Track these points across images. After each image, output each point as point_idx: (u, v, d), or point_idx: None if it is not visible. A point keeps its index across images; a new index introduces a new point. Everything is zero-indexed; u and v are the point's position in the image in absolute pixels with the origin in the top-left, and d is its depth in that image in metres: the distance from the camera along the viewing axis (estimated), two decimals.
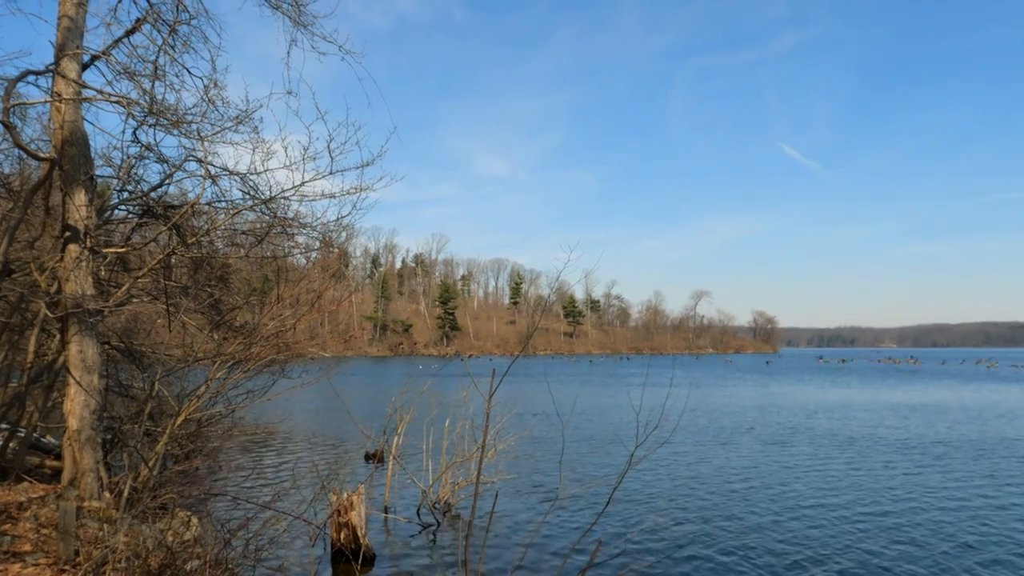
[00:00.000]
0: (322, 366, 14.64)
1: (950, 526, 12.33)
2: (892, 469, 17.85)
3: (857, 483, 16.04)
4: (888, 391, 47.67)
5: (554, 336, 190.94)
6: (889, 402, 38.53)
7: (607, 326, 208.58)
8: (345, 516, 10.00)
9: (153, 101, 9.60)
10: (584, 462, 18.58)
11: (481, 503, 11.99)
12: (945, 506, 13.82)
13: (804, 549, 10.93)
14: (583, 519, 12.54)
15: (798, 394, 45.09)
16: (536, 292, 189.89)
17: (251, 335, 11.98)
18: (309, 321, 15.03)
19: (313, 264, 15.43)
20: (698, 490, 15.27)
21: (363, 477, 14.56)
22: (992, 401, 38.98)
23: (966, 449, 21.02)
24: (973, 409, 33.86)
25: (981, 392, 46.48)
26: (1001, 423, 27.93)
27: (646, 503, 13.98)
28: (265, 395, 12.57)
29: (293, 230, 12.07)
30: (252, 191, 11.58)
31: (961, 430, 25.56)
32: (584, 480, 15.92)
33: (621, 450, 19.99)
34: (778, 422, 28.35)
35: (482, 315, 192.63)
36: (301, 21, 11.75)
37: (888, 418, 29.79)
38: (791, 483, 16.07)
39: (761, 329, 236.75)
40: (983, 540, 11.49)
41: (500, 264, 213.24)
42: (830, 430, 25.60)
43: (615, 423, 27.17)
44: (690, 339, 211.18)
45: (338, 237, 12.78)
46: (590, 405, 35.84)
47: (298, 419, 27.55)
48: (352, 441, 21.19)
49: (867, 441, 22.72)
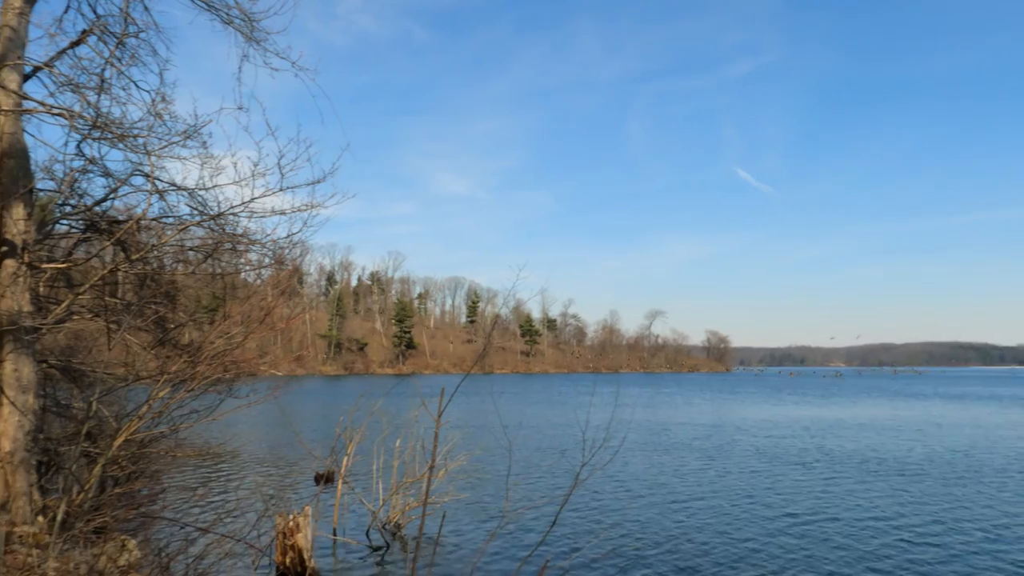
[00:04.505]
0: (271, 385, 14.36)
1: (905, 538, 12.71)
2: (837, 485, 18.34)
3: (797, 497, 16.42)
4: (814, 408, 48.96)
5: (510, 355, 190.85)
6: (817, 417, 39.58)
7: (564, 345, 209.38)
8: (291, 538, 9.82)
9: (98, 114, 9.42)
10: (535, 480, 18.61)
11: (432, 523, 11.89)
12: (892, 517, 14.24)
13: (748, 563, 11.11)
14: (532, 538, 12.54)
15: (753, 411, 45.94)
16: (493, 311, 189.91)
17: (197, 353, 11.73)
18: (259, 339, 14.77)
19: (264, 281, 15.22)
20: (646, 507, 15.43)
21: (312, 498, 14.33)
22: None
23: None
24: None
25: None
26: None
27: (595, 520, 14.05)
28: (211, 415, 12.29)
29: (242, 247, 11.91)
30: (201, 207, 11.40)
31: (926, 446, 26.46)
32: (534, 498, 15.95)
33: (572, 467, 20.09)
34: (732, 438, 28.91)
35: (439, 334, 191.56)
36: (253, 37, 11.66)
37: (812, 434, 30.66)
38: (739, 498, 16.35)
39: (714, 348, 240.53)
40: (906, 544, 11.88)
41: (457, 283, 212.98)
42: (776, 445, 26.24)
43: (565, 441, 27.31)
44: (645, 358, 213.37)
45: (289, 254, 12.66)
46: (541, 422, 35.90)
47: (246, 439, 26.95)
48: (301, 462, 20.82)
49: (812, 455, 23.30)
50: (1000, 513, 15.08)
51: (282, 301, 17.64)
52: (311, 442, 14.59)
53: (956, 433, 32.03)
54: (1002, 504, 15.98)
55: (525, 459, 22.51)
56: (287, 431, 28.06)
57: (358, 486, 14.57)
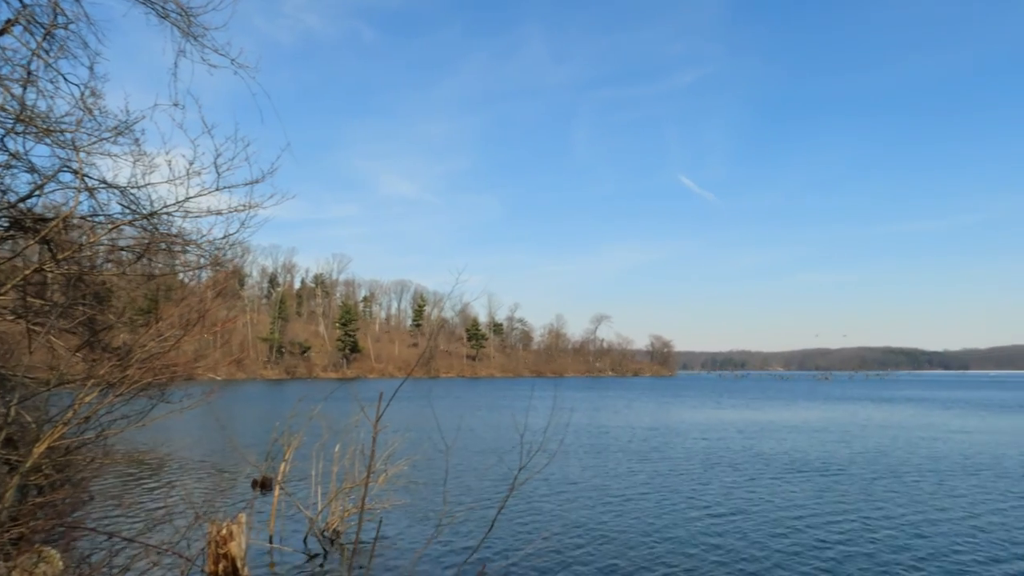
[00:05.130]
0: (206, 389, 13.95)
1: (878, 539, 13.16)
2: (777, 482, 18.87)
3: (722, 497, 16.84)
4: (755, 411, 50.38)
5: (456, 359, 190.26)
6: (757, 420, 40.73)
7: (510, 349, 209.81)
8: (224, 547, 9.58)
9: (23, 107, 9.04)
10: (475, 484, 18.62)
11: (371, 530, 11.77)
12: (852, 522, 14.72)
13: (672, 562, 11.34)
14: (470, 543, 12.53)
15: (690, 415, 46.86)
16: (439, 314, 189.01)
17: (127, 356, 11.35)
18: (196, 342, 14.34)
19: (201, 283, 14.82)
20: (582, 509, 15.60)
21: (247, 506, 13.99)
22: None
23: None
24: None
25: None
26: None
27: (533, 524, 14.13)
28: (141, 421, 11.88)
29: (177, 247, 11.59)
30: (133, 205, 11.06)
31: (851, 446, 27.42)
32: (473, 503, 15.95)
33: (512, 471, 20.15)
34: (667, 441, 29.44)
35: (384, 337, 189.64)
36: (191, 32, 11.33)
37: (770, 436, 31.57)
38: (669, 499, 16.67)
39: (658, 353, 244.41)
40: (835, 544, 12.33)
41: (404, 286, 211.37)
42: (708, 447, 26.89)
43: (505, 445, 27.39)
44: (590, 362, 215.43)
45: (226, 255, 12.37)
46: (483, 426, 35.90)
47: (179, 445, 26.17)
48: (238, 468, 20.33)
49: (740, 457, 23.92)
50: (912, 510, 15.86)
51: (220, 303, 17.20)
52: (248, 448, 14.25)
53: (880, 434, 33.50)
54: (915, 502, 16.73)
55: (465, 463, 22.48)
56: (224, 437, 27.38)
57: (296, 492, 14.30)
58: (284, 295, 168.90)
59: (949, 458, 24.88)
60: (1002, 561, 11.82)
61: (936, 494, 17.95)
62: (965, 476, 20.82)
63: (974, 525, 14.48)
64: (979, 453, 26.34)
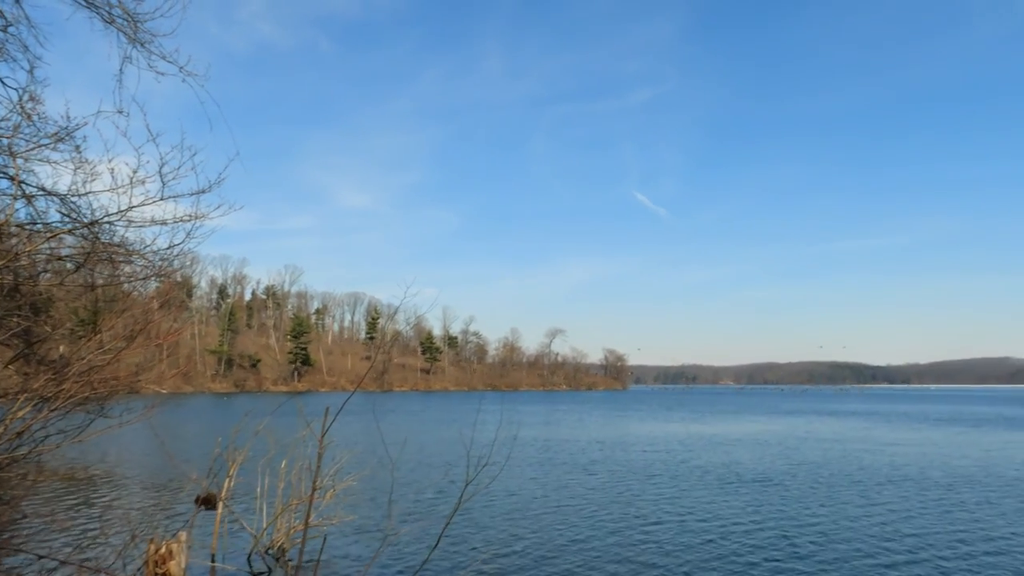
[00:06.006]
0: (149, 403, 13.51)
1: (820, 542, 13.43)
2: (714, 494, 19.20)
3: (661, 506, 17.09)
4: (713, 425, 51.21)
5: (410, 372, 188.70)
6: (705, 434, 41.41)
7: (464, 362, 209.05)
8: (163, 566, 9.31)
9: None
10: (423, 499, 18.49)
11: (317, 547, 11.56)
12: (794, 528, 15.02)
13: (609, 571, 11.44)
14: (415, 559, 12.43)
15: (639, 428, 47.30)
16: (393, 327, 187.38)
17: (64, 369, 10.98)
18: (140, 354, 13.93)
19: (146, 293, 14.44)
20: (528, 523, 15.63)
21: (188, 523, 13.60)
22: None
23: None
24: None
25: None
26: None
27: (479, 538, 14.08)
28: (78, 436, 11.48)
29: (119, 257, 11.30)
30: (73, 213, 10.75)
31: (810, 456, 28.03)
32: (421, 518, 15.83)
33: (460, 486, 20.08)
34: (613, 454, 29.68)
35: (336, 350, 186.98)
36: (137, 38, 11.09)
37: (710, 449, 32.10)
38: (613, 511, 16.83)
39: (612, 366, 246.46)
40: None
41: (357, 298, 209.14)
42: (652, 459, 27.19)
43: (455, 459, 27.26)
44: (545, 375, 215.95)
45: (170, 265, 12.09)
46: (435, 440, 35.64)
47: (119, 462, 25.33)
48: (180, 485, 19.75)
49: (681, 469, 24.28)
50: (833, 519, 16.45)
51: (165, 314, 16.76)
52: (192, 464, 13.87)
53: (818, 446, 34.44)
54: (838, 511, 17.24)
55: (414, 478, 22.31)
56: (166, 453, 26.60)
57: (241, 509, 13.98)
58: (234, 306, 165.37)
59: (879, 469, 25.75)
60: (907, 564, 12.27)
61: (860, 504, 18.68)
62: (890, 486, 21.64)
63: (890, 532, 15.18)
64: (907, 464, 27.31)
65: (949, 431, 46.52)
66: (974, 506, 18.38)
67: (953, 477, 23.72)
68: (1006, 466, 26.93)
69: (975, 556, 13.24)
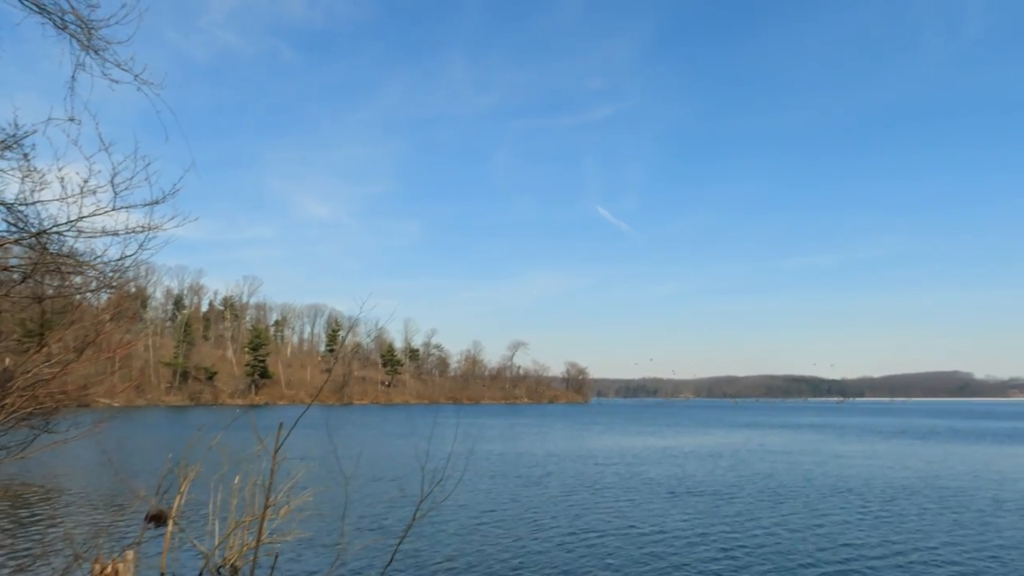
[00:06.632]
0: (98, 417, 13.13)
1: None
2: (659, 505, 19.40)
3: (612, 518, 17.24)
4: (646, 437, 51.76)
5: (371, 385, 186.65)
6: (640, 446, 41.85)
7: (426, 375, 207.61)
8: None
9: None
10: (378, 514, 18.36)
11: (268, 565, 11.35)
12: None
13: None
14: (372, 574, 12.29)
15: (598, 441, 47.53)
16: (354, 340, 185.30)
17: (7, 383, 10.64)
18: (90, 367, 13.56)
19: (95, 305, 14.09)
20: (482, 537, 15.61)
21: (136, 542, 13.24)
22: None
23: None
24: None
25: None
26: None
27: (434, 553, 14.01)
28: (21, 452, 11.11)
29: (68, 268, 11.02)
30: (20, 223, 10.47)
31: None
32: (375, 534, 15.70)
33: (416, 500, 19.96)
34: (567, 468, 29.80)
35: (295, 363, 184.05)
36: (91, 45, 10.89)
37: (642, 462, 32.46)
38: (569, 525, 16.90)
39: (573, 380, 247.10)
40: None
41: (317, 310, 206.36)
42: (606, 472, 27.41)
43: (412, 474, 27.11)
44: (507, 389, 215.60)
45: (121, 277, 11.83)
46: (395, 454, 35.33)
47: (65, 478, 24.53)
48: (129, 502, 19.21)
49: (633, 481, 24.51)
50: (778, 529, 16.92)
51: (116, 326, 16.36)
52: (140, 479, 13.52)
53: (769, 458, 35.16)
54: (783, 522, 17.61)
55: (370, 493, 22.10)
56: (118, 468, 25.86)
57: (192, 527, 13.65)
58: (190, 318, 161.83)
59: (825, 481, 26.43)
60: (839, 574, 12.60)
61: (802, 514, 19.23)
62: (834, 497, 22.30)
63: (827, 542, 15.68)
64: (852, 476, 28.08)
65: (895, 443, 47.79)
66: (914, 516, 19.01)
67: (895, 489, 24.40)
68: (946, 478, 27.78)
69: (907, 565, 13.70)
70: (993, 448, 43.72)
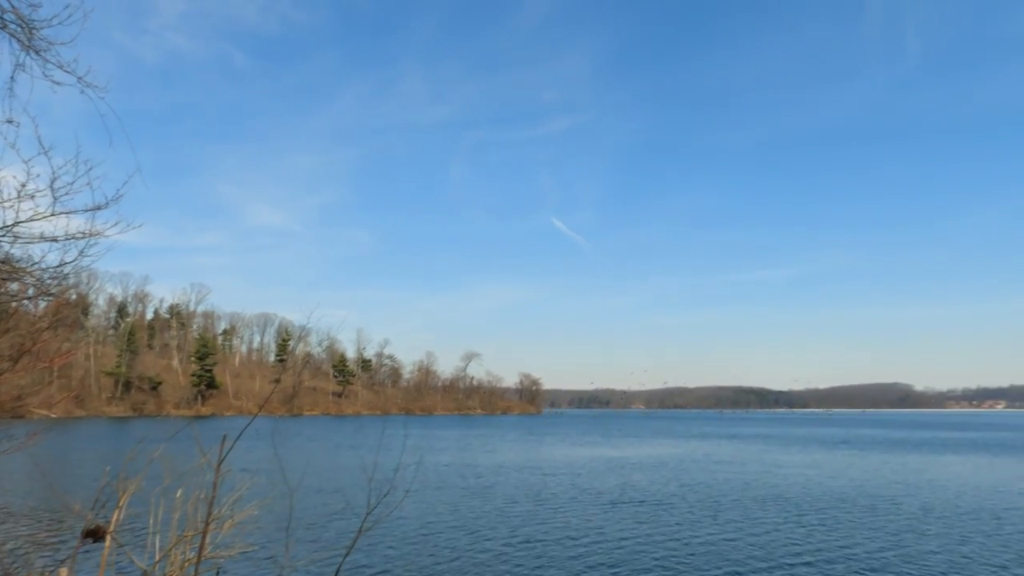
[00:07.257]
0: (33, 429, 12.68)
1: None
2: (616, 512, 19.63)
3: (556, 528, 17.41)
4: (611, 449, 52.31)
5: (322, 396, 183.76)
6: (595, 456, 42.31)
7: (378, 386, 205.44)
8: None
9: None
10: (325, 527, 18.15)
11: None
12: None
13: None
14: None
15: (549, 452, 47.74)
16: (304, 349, 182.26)
17: None
18: (26, 376, 13.11)
19: (32, 312, 13.64)
20: (428, 551, 15.58)
21: (69, 559, 12.79)
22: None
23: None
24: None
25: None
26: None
27: (380, 566, 13.93)
28: None
29: (2, 274, 10.68)
30: None
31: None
32: (321, 548, 15.51)
33: (363, 513, 19.81)
34: (517, 479, 29.89)
35: (244, 372, 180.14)
36: (32, 45, 10.64)
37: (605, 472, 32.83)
38: (509, 535, 17.00)
39: (527, 391, 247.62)
40: None
41: (267, 319, 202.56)
42: (550, 482, 27.59)
43: (359, 486, 26.84)
44: (460, 399, 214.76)
45: (60, 283, 11.50)
46: (340, 465, 34.91)
47: (0, 492, 23.54)
48: (63, 518, 18.56)
49: (574, 492, 24.76)
50: (712, 536, 17.35)
51: (54, 334, 15.85)
52: (75, 494, 13.09)
53: (711, 469, 35.85)
54: (719, 528, 18.02)
55: (316, 505, 21.83)
56: (54, 482, 24.92)
57: (131, 543, 13.26)
58: (134, 326, 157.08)
59: (765, 489, 27.19)
60: None
61: (739, 522, 19.85)
62: (771, 505, 23.06)
63: (759, 549, 16.20)
64: (791, 484, 28.95)
65: (835, 453, 49.22)
66: (847, 524, 19.73)
67: (830, 497, 25.18)
68: (878, 485, 28.79)
69: (835, 570, 14.19)
70: (927, 457, 45.40)
